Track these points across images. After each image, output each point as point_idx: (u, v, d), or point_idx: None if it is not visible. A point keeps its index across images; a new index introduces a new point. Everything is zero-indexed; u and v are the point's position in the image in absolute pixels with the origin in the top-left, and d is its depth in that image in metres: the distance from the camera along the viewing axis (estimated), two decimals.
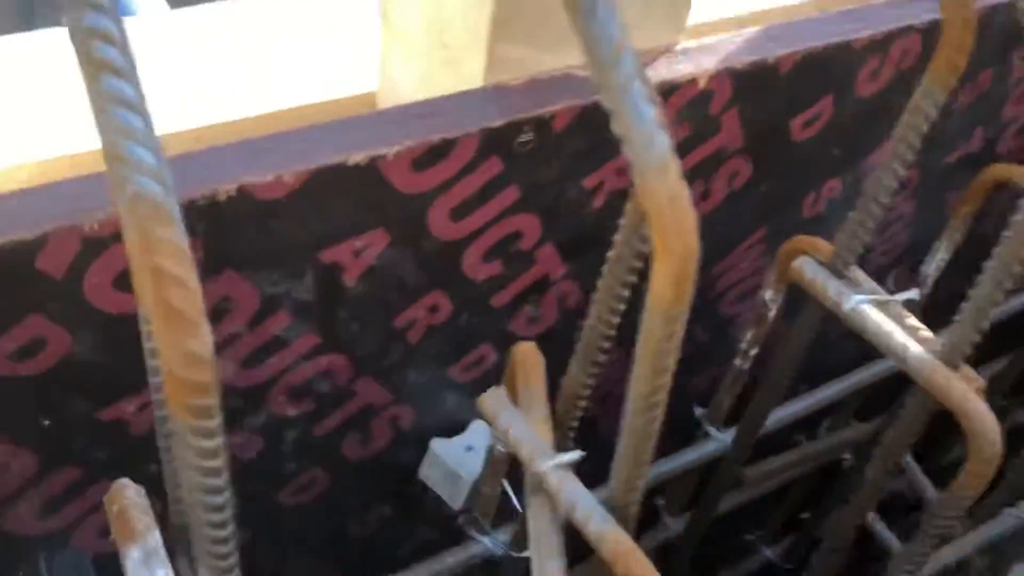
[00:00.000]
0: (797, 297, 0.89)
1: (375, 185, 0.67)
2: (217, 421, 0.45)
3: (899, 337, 0.81)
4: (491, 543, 0.96)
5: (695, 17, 0.87)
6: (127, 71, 0.38)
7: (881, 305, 0.83)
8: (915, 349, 0.80)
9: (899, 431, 0.98)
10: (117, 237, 0.59)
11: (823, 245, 0.87)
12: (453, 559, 0.96)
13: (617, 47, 0.43)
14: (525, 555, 0.91)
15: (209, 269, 0.65)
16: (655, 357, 0.53)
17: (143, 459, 0.76)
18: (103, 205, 0.58)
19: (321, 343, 0.76)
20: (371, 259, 0.73)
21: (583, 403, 0.75)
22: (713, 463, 1.12)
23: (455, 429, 0.96)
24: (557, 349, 0.97)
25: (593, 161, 0.78)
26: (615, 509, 0.66)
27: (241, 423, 0.79)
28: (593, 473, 0.67)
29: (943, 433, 1.18)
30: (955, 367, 0.80)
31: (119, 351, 0.66)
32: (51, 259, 0.58)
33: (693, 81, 0.81)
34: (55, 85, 0.77)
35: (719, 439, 1.10)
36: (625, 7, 0.53)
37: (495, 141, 0.70)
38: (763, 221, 1.03)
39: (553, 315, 0.91)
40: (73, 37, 0.34)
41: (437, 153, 0.68)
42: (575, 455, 0.67)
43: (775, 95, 0.89)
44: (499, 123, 0.70)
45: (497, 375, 0.94)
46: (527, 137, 0.72)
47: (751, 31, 0.87)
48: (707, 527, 1.23)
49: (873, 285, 0.85)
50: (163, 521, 0.65)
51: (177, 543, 0.65)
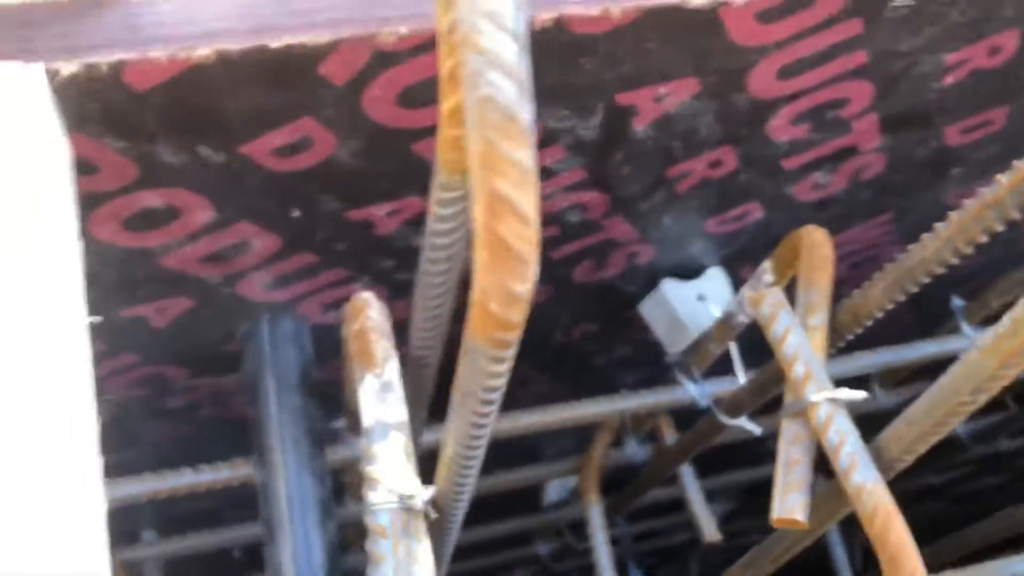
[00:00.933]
0: None
1: (708, 32, 0.55)
2: (513, 352, 0.39)
3: None
4: (699, 394, 0.91)
5: None
6: None
7: None
8: None
9: None
10: (414, 51, 0.51)
11: None
12: (653, 397, 0.92)
13: None
14: (735, 422, 0.86)
15: None
16: None
17: (381, 255, 0.72)
18: (404, 15, 0.49)
19: (587, 179, 0.68)
20: (670, 106, 0.62)
21: (871, 320, 0.65)
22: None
23: (690, 272, 0.88)
24: (832, 217, 0.86)
25: (969, 34, 0.62)
26: (884, 464, 0.58)
27: None
28: None
29: None
30: None
31: (382, 160, 0.60)
32: (337, 66, 0.50)
33: None
34: None
35: (969, 338, 0.98)
36: None
37: (867, 1, 0.56)
38: None
39: (841, 183, 0.78)
40: None
41: (794, 6, 0.54)
42: (857, 395, 0.58)
43: None
44: None
45: (753, 232, 0.84)
46: (907, 1, 0.56)
47: None
48: None
49: None
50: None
51: (407, 374, 0.62)
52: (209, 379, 0.86)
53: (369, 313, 0.61)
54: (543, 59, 0.54)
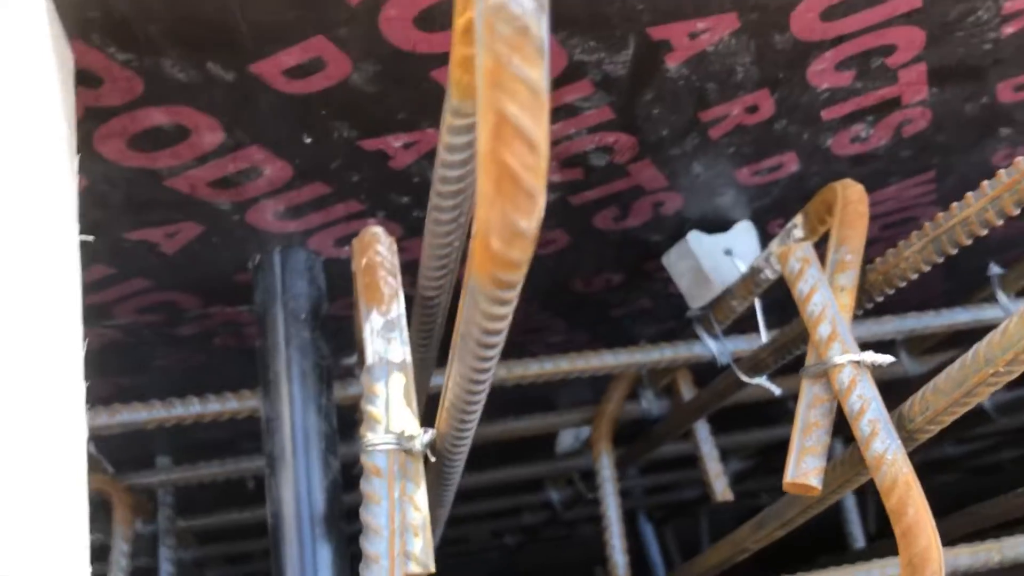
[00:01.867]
0: None
1: None
2: (516, 293, 0.36)
3: None
4: (718, 351, 0.89)
5: None
6: None
7: None
8: None
9: None
10: None
11: None
12: (672, 352, 0.89)
13: None
14: (755, 381, 0.84)
15: None
16: None
17: (396, 190, 0.70)
18: None
19: (614, 119, 0.65)
20: (706, 44, 0.58)
21: (903, 283, 0.62)
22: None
23: (718, 225, 0.85)
24: (870, 175, 0.82)
25: None
26: (906, 434, 0.56)
27: None
28: None
29: None
30: None
31: (399, 87, 0.57)
32: None
33: None
34: None
35: (1004, 308, 0.95)
36: None
37: None
38: None
39: (883, 138, 0.75)
40: None
41: None
42: (884, 359, 0.56)
43: None
44: None
45: (786, 186, 0.81)
46: None
47: None
48: None
49: None
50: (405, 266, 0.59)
51: (417, 315, 0.60)
52: (221, 308, 0.85)
53: (378, 248, 0.59)
54: None
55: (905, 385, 1.11)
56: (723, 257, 0.84)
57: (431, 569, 0.46)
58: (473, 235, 0.34)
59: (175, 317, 0.85)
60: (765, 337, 0.81)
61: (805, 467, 0.57)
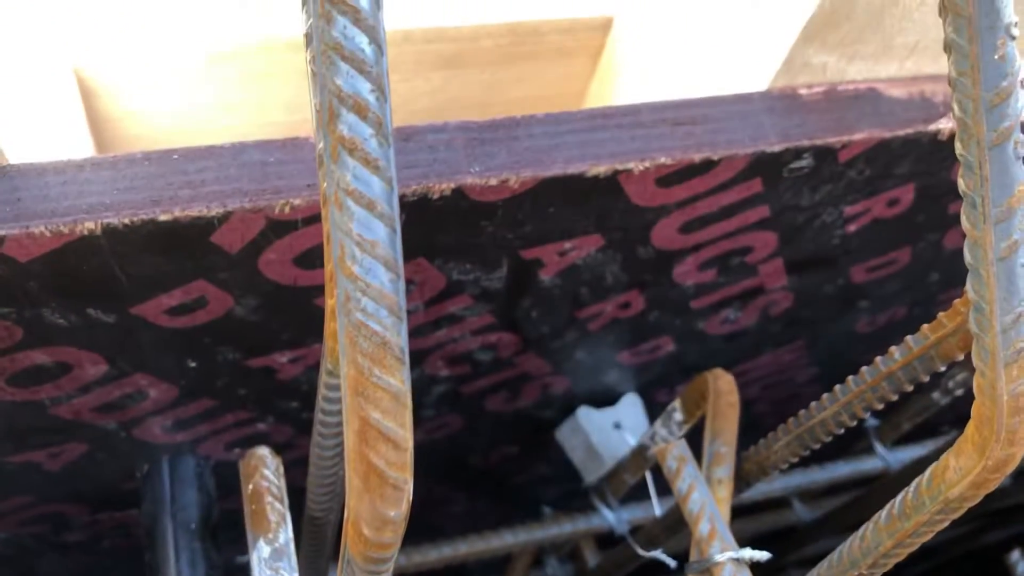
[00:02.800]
0: None
1: (608, 196, 0.56)
2: (391, 564, 0.38)
3: None
4: (616, 521, 0.90)
5: None
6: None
7: None
8: None
9: None
10: (308, 221, 0.50)
11: None
12: (571, 525, 0.90)
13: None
14: (650, 554, 0.85)
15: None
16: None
17: (284, 398, 0.70)
18: (296, 185, 0.49)
19: (495, 323, 0.67)
20: (575, 259, 0.62)
21: (777, 472, 0.65)
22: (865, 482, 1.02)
23: (607, 398, 0.88)
24: (743, 348, 0.87)
25: (868, 189, 0.64)
26: None
27: None
28: None
29: None
30: None
31: (282, 313, 0.59)
32: (229, 236, 0.49)
33: None
34: None
35: (882, 458, 0.99)
36: None
37: (764, 165, 0.57)
38: None
39: (752, 318, 0.79)
40: None
41: (692, 172, 0.55)
42: (760, 555, 0.58)
43: None
44: (776, 148, 0.56)
45: (666, 363, 0.85)
46: (803, 164, 0.58)
47: None
48: None
49: None
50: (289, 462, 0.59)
51: (304, 537, 0.60)
52: (110, 514, 0.82)
53: (264, 472, 0.59)
54: (443, 222, 0.54)
55: (801, 531, 1.15)
56: (613, 431, 0.87)
57: None
58: (345, 520, 0.35)
59: (61, 526, 0.82)
60: (658, 510, 0.83)
61: None
